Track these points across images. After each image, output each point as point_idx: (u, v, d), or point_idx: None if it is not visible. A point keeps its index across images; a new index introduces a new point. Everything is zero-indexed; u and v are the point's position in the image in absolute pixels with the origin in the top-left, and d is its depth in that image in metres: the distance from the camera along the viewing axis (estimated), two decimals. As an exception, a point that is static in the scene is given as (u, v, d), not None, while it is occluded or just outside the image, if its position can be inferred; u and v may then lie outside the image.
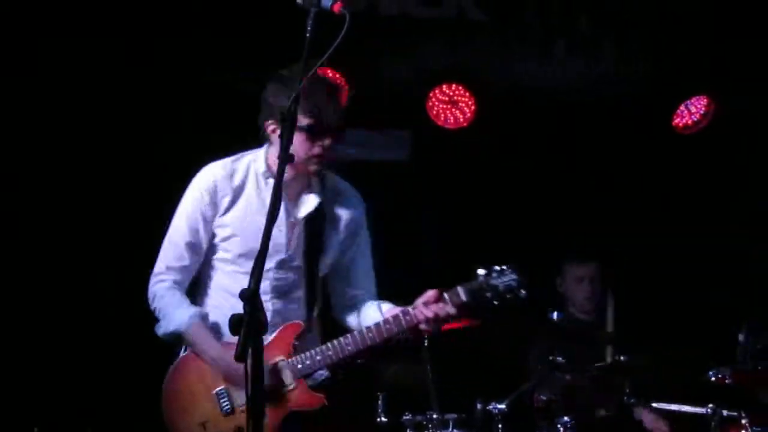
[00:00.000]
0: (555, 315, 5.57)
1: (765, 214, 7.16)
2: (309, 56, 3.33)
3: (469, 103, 7.42)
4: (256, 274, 3.13)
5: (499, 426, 5.43)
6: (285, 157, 3.29)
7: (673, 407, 5.54)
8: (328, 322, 4.42)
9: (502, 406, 5.46)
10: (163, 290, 4.27)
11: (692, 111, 7.54)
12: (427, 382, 5.51)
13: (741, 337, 5.64)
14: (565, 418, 5.48)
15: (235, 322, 3.08)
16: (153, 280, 4.31)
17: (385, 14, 6.86)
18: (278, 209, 3.23)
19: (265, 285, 4.11)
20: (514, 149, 7.41)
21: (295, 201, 4.24)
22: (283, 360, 4.12)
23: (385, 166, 7.20)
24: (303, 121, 3.96)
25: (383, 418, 5.56)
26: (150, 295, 4.31)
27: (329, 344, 4.12)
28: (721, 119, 7.50)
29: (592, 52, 7.31)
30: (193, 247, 4.27)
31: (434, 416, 5.45)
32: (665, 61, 7.26)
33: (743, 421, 5.30)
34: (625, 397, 5.55)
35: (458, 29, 7.17)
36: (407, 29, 7.01)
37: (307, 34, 3.35)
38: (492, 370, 6.27)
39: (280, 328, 4.17)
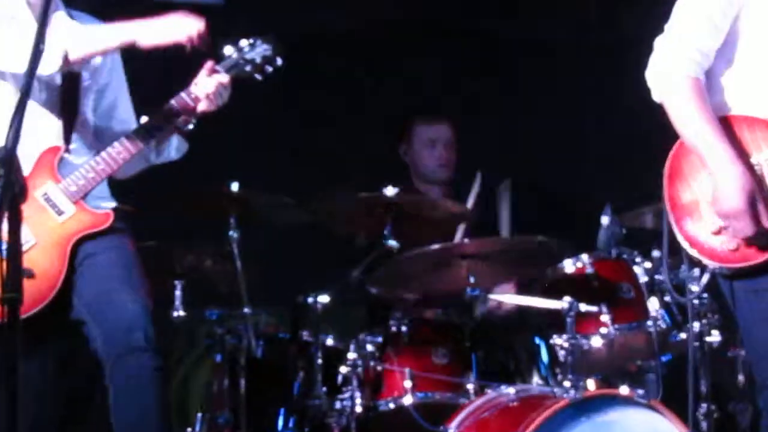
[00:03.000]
0: (389, 190, 4.82)
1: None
2: None
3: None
4: (14, 128, 2.82)
5: (319, 324, 4.85)
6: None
7: (523, 300, 4.88)
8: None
9: (325, 299, 4.84)
10: None
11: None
12: (236, 270, 4.96)
13: (604, 220, 4.93)
14: (398, 314, 4.81)
15: None
16: None
17: None
18: (40, 53, 2.98)
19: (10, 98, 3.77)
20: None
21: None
22: (52, 185, 3.94)
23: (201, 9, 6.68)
24: None
25: (181, 312, 4.94)
26: None
27: (98, 157, 3.98)
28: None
29: None
30: None
31: (245, 310, 4.95)
32: None
33: (603, 318, 4.67)
34: (468, 289, 4.81)
35: None
36: None
37: None
38: (315, 257, 5.90)
39: (37, 154, 3.96)
